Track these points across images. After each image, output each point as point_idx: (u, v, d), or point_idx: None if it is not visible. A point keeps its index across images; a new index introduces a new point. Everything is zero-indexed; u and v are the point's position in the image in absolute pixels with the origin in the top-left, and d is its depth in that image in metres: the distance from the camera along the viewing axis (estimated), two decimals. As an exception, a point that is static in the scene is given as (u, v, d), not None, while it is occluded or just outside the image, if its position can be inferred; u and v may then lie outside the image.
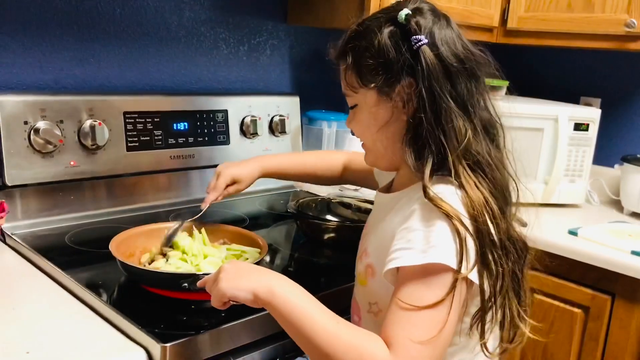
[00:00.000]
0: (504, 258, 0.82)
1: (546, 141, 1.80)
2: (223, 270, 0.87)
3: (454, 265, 0.76)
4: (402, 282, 0.79)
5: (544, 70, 2.25)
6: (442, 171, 0.84)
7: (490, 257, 0.80)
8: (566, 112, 1.80)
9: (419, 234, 0.79)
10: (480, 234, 0.79)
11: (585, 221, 1.71)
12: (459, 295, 0.78)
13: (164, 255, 1.12)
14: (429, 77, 0.82)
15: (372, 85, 0.87)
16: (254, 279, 0.83)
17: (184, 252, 1.12)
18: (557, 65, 2.23)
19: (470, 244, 0.78)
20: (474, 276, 0.78)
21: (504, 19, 1.91)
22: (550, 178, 1.80)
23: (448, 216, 0.78)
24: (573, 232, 1.59)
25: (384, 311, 0.83)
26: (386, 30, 0.86)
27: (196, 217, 1.24)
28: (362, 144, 0.98)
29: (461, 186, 0.81)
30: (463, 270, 0.76)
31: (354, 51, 0.89)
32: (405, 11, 0.85)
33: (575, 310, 1.54)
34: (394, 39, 0.85)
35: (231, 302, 0.87)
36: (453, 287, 0.76)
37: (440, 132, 0.82)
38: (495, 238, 0.81)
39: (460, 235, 0.77)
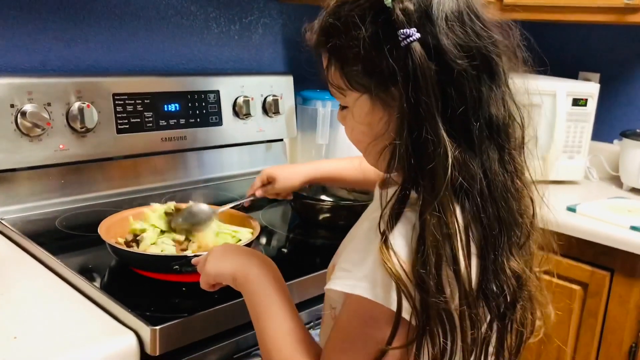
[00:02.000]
0: (464, 333, 0.66)
1: (544, 117, 1.77)
2: (211, 253, 0.86)
3: (388, 305, 0.65)
4: (344, 305, 0.71)
5: (541, 45, 2.21)
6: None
7: (439, 331, 0.64)
8: (564, 88, 1.78)
9: (359, 257, 0.68)
10: (426, 305, 0.63)
11: (584, 197, 1.69)
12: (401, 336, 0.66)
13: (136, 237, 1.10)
14: (416, 88, 0.64)
15: (362, 89, 0.70)
16: (236, 262, 0.83)
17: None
18: (555, 40, 2.20)
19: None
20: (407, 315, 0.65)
21: (500, -7, 1.87)
22: (549, 154, 1.77)
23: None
24: (572, 209, 1.57)
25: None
26: (370, 22, 0.66)
27: (228, 206, 1.19)
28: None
29: (424, 236, 0.64)
30: (404, 314, 0.64)
31: (335, 49, 0.70)
32: None
33: (574, 286, 1.53)
34: (379, 34, 0.66)
35: (222, 284, 0.86)
36: (380, 322, 0.65)
37: (418, 166, 0.65)
38: (452, 307, 0.65)
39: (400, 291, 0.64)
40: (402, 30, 0.64)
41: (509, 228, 0.71)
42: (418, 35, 0.64)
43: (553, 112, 1.77)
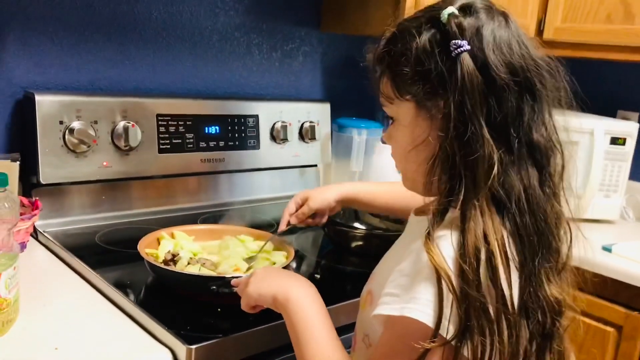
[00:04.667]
0: (501, 334, 0.67)
1: (581, 155, 1.76)
2: (253, 275, 0.88)
3: (430, 324, 0.66)
4: (384, 328, 0.73)
5: (580, 82, 2.20)
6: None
7: (476, 328, 0.65)
8: (602, 126, 1.77)
9: (407, 281, 0.70)
10: (466, 299, 0.65)
11: (620, 237, 1.66)
12: (438, 356, 0.67)
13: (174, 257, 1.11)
14: (462, 91, 0.69)
15: (409, 96, 0.75)
16: (277, 283, 0.84)
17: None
18: (593, 77, 2.18)
19: (450, 305, 0.66)
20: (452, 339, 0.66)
21: (540, 30, 1.88)
22: (585, 192, 1.75)
23: (436, 270, 0.67)
24: (607, 249, 1.55)
25: (373, 347, 0.77)
26: (425, 33, 0.73)
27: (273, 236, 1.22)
28: (396, 165, 0.85)
29: (464, 229, 0.68)
30: (442, 331, 0.65)
31: (389, 56, 0.77)
32: (449, 10, 0.72)
33: (608, 329, 1.50)
34: (433, 43, 0.72)
35: (262, 306, 0.87)
36: (424, 346, 0.66)
37: (462, 161, 0.70)
38: (491, 307, 0.66)
39: (442, 293, 0.66)
40: (454, 41, 0.70)
41: (546, 245, 0.72)
42: (468, 47, 0.70)
43: (590, 150, 1.75)
